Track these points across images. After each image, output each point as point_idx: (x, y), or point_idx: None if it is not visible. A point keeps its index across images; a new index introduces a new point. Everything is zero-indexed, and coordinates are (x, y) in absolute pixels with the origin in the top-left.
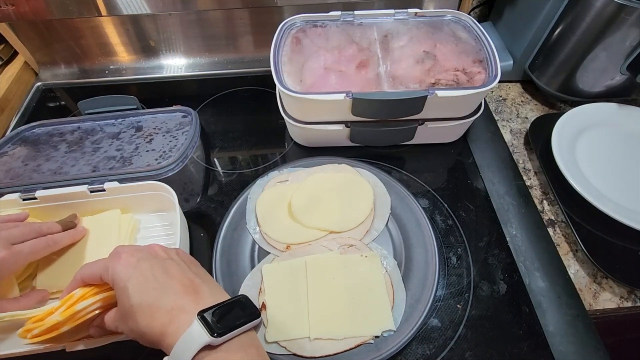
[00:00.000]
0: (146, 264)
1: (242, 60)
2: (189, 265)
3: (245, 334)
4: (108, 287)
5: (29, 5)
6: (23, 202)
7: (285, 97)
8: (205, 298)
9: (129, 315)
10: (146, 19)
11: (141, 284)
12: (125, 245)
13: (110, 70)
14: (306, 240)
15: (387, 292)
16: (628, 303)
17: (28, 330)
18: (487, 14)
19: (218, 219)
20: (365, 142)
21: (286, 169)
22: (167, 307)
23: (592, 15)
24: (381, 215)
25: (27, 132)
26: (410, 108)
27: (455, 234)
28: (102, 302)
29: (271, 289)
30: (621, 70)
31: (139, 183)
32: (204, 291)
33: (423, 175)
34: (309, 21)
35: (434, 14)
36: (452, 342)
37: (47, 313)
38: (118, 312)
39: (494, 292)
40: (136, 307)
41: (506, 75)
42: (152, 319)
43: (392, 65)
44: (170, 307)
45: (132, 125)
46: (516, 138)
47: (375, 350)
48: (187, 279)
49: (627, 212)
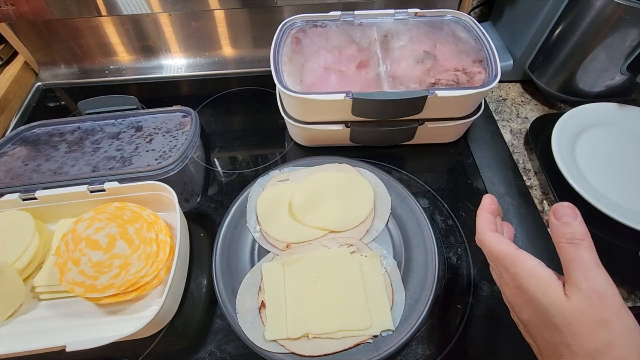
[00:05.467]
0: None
1: (242, 60)
2: None
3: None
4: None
5: (29, 5)
6: (23, 202)
7: (285, 97)
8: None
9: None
10: (146, 19)
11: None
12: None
13: (110, 70)
14: (306, 239)
15: (387, 292)
16: (628, 303)
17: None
18: (487, 14)
19: (218, 218)
20: (366, 142)
21: (287, 168)
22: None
23: (592, 15)
24: (381, 215)
25: (27, 132)
26: (410, 108)
27: (455, 234)
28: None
29: (270, 287)
30: (621, 70)
31: (139, 183)
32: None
33: (423, 175)
34: (309, 21)
35: (434, 14)
36: (452, 342)
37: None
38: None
39: (494, 292)
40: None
41: (506, 75)
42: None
43: (392, 65)
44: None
45: (132, 125)
46: (516, 138)
47: (374, 349)
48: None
49: (627, 212)
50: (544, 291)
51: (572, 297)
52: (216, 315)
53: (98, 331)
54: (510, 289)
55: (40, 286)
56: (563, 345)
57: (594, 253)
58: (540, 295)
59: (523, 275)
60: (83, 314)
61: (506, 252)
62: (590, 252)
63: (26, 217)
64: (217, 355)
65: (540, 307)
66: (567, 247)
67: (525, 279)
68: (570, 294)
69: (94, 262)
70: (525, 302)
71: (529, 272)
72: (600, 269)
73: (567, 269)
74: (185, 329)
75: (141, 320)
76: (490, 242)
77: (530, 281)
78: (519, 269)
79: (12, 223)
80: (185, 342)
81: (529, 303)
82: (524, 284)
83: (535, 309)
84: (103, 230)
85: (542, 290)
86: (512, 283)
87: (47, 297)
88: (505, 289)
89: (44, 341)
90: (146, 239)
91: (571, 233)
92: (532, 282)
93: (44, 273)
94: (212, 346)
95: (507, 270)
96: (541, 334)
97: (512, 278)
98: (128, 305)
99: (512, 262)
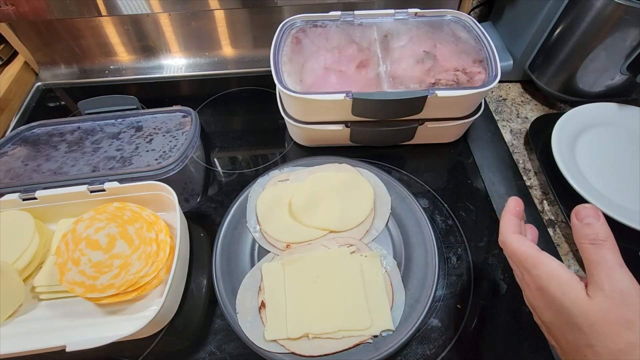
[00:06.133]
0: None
1: (242, 60)
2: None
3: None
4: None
5: (29, 5)
6: (23, 202)
7: (285, 97)
8: None
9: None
10: (146, 19)
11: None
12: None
13: (110, 70)
14: (306, 239)
15: (387, 292)
16: None
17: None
18: (487, 14)
19: (218, 218)
20: (365, 142)
21: (287, 168)
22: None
23: (592, 15)
24: (381, 215)
25: (27, 132)
26: (410, 108)
27: (455, 234)
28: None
29: (270, 287)
30: (621, 70)
31: (139, 183)
32: None
33: (423, 175)
34: (309, 21)
35: (434, 14)
36: (452, 342)
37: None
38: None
39: (494, 292)
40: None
41: (506, 75)
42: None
43: (392, 65)
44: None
45: (132, 125)
46: (516, 138)
47: (374, 350)
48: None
49: (627, 212)
50: (565, 292)
51: (594, 298)
52: (216, 315)
53: (98, 331)
54: (531, 290)
55: (40, 286)
56: (586, 346)
57: (617, 254)
58: (561, 296)
59: (544, 276)
60: (83, 314)
61: (528, 253)
62: (613, 252)
63: (26, 217)
64: (217, 355)
65: (562, 308)
66: (589, 247)
67: (547, 280)
68: (592, 294)
69: (94, 262)
70: (547, 304)
71: (551, 274)
72: (624, 269)
73: (589, 269)
74: (185, 329)
75: (141, 320)
76: (512, 243)
77: (552, 282)
78: (540, 271)
79: (12, 223)
80: (185, 342)
81: (550, 304)
82: (545, 285)
83: (557, 310)
84: (103, 230)
85: (563, 291)
86: (533, 284)
87: (47, 297)
88: (526, 290)
89: (44, 341)
90: (146, 239)
91: (594, 234)
92: (553, 283)
93: (44, 273)
94: (212, 346)
95: (529, 272)
96: (564, 336)
97: (533, 279)
98: (128, 305)
99: (533, 264)
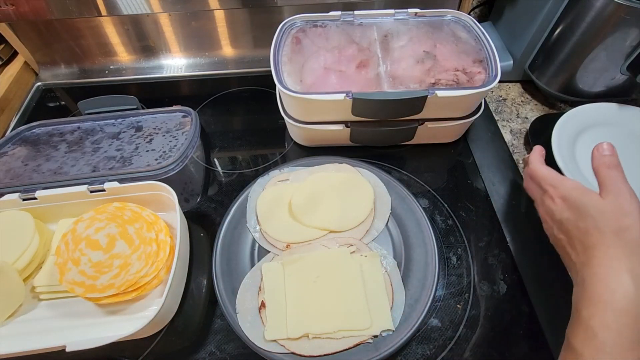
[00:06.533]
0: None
1: (242, 60)
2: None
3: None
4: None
5: (29, 5)
6: (23, 202)
7: (285, 97)
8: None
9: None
10: (146, 19)
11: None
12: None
13: (110, 70)
14: (306, 239)
15: (387, 292)
16: None
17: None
18: (487, 14)
19: (218, 218)
20: (365, 142)
21: (287, 168)
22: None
23: (592, 15)
24: (381, 215)
25: (27, 132)
26: (410, 108)
27: (455, 234)
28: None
29: (270, 287)
30: (621, 70)
31: (139, 183)
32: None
33: (423, 175)
34: (309, 21)
35: (434, 14)
36: (452, 342)
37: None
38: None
39: (494, 292)
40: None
41: (506, 75)
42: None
43: (392, 65)
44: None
45: (132, 125)
46: (516, 138)
47: (374, 350)
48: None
49: None
50: (585, 194)
51: (605, 198)
52: (216, 315)
53: (98, 331)
54: (553, 199)
55: (40, 286)
56: (594, 228)
57: (623, 174)
58: (581, 197)
59: (568, 187)
60: (83, 314)
61: (553, 175)
62: (621, 173)
63: (26, 217)
64: (217, 355)
65: (581, 205)
66: (605, 169)
67: (570, 190)
68: (604, 196)
69: (94, 262)
70: (567, 205)
71: (573, 185)
72: (627, 184)
73: (602, 183)
74: (185, 329)
75: (141, 320)
76: (542, 169)
77: (574, 191)
78: (565, 184)
79: (12, 223)
80: (185, 342)
81: (570, 204)
82: (568, 193)
83: (576, 207)
84: (103, 230)
85: (583, 194)
86: (557, 194)
87: (47, 297)
88: (547, 201)
89: (44, 341)
90: (146, 239)
91: (610, 161)
92: (575, 191)
93: (44, 273)
94: (212, 346)
95: (554, 187)
96: (576, 225)
97: (557, 191)
98: (128, 305)
99: (559, 180)
